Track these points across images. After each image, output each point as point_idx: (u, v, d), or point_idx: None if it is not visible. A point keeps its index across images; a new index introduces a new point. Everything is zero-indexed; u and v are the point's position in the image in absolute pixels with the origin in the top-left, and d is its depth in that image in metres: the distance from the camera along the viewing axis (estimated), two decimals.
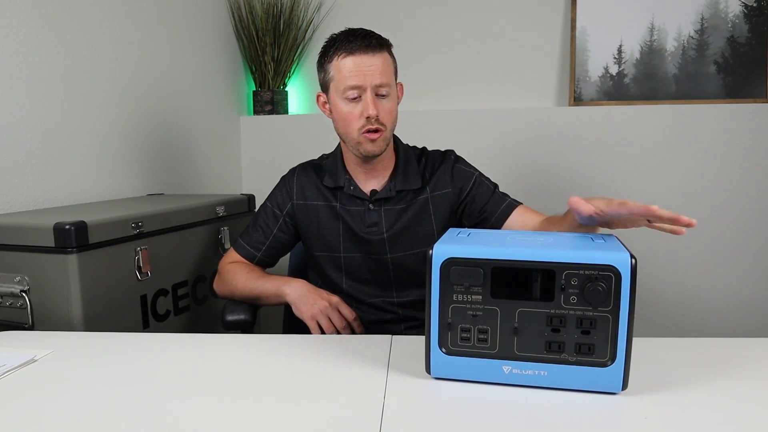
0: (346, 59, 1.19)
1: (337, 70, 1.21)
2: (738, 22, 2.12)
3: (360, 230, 1.31)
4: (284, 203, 1.37)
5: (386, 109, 1.23)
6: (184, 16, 2.05)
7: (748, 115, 2.08)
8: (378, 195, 1.31)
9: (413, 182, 1.32)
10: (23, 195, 1.41)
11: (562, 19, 2.27)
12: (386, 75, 1.21)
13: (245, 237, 1.40)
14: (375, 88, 1.20)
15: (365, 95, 1.20)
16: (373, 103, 1.19)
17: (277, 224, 1.38)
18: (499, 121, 2.25)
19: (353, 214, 1.32)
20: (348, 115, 1.22)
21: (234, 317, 1.32)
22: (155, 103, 1.90)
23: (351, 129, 1.23)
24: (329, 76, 1.23)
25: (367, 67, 1.18)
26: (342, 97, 1.21)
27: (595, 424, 0.68)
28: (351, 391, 0.79)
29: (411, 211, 1.32)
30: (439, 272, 0.78)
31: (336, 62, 1.20)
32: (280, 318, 1.56)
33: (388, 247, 1.32)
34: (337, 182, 1.32)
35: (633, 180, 2.18)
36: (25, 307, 1.19)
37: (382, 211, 1.31)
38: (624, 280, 0.71)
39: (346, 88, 1.20)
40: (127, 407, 0.74)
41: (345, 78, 1.19)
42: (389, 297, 1.35)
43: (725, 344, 0.96)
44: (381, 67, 1.20)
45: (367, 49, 1.19)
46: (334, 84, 1.22)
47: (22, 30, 1.40)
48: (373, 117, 1.20)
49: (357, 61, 1.19)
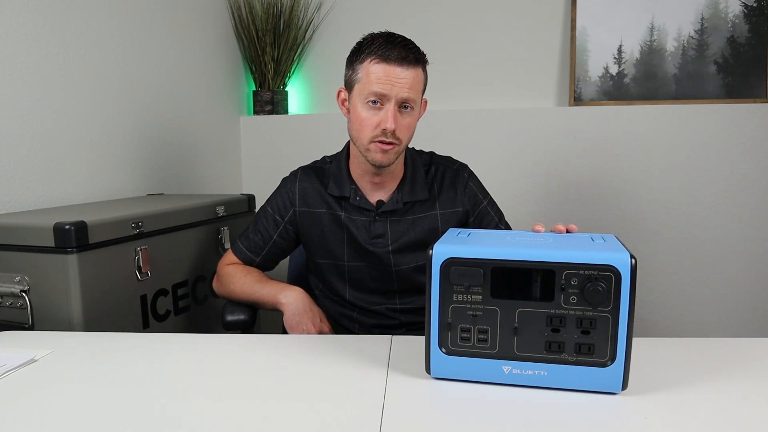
0: (378, 65, 1.15)
1: (366, 73, 1.17)
2: (738, 22, 2.12)
3: (364, 241, 1.29)
4: (285, 209, 1.34)
5: (405, 124, 1.19)
6: (184, 16, 2.05)
7: (748, 115, 2.08)
8: (384, 207, 1.28)
9: (420, 193, 1.29)
10: (23, 195, 1.41)
11: (562, 19, 2.27)
12: (414, 91, 1.18)
13: (244, 240, 1.37)
14: (400, 101, 1.16)
15: (388, 105, 1.16)
16: (393, 116, 1.16)
17: (277, 230, 1.35)
18: (499, 121, 2.25)
19: (358, 224, 1.29)
20: (365, 121, 1.18)
21: (234, 317, 1.32)
22: (155, 103, 1.90)
23: (364, 135, 1.19)
24: (357, 77, 1.19)
25: (398, 79, 1.15)
26: (364, 101, 1.17)
27: (595, 424, 0.68)
28: (351, 392, 0.78)
29: (419, 226, 1.29)
30: (439, 272, 0.77)
31: (367, 65, 1.17)
32: (280, 318, 1.56)
33: (393, 259, 1.29)
34: (342, 192, 1.29)
35: (633, 180, 2.18)
36: (25, 307, 1.19)
37: (388, 222, 1.29)
38: (624, 280, 0.71)
39: (370, 93, 1.16)
40: (127, 407, 0.74)
41: (372, 83, 1.15)
42: (392, 304, 1.34)
43: (725, 344, 0.96)
44: (411, 82, 1.16)
45: (403, 62, 1.15)
46: (359, 86, 1.18)
47: (22, 30, 1.40)
48: (389, 131, 1.16)
49: (389, 70, 1.15)
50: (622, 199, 2.20)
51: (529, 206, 2.25)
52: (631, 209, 2.20)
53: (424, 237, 1.29)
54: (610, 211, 2.21)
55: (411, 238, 1.29)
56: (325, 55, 2.47)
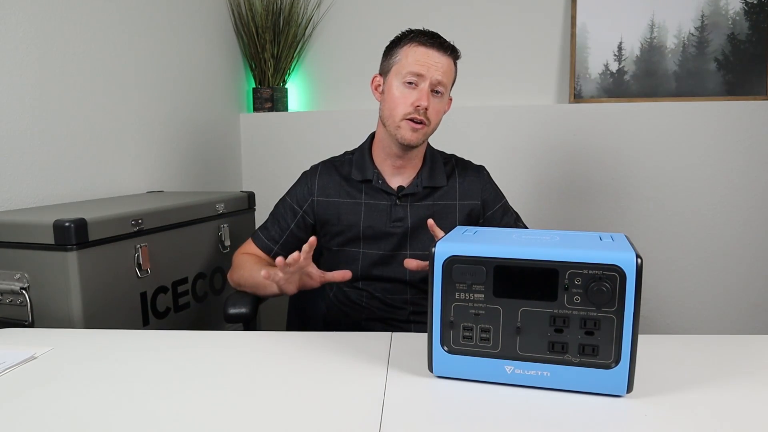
0: (418, 48, 1.25)
1: (405, 55, 1.26)
2: (738, 19, 2.12)
3: (385, 225, 1.33)
4: (304, 199, 1.38)
5: (436, 108, 1.27)
6: (183, 13, 2.04)
7: (749, 112, 2.08)
8: (405, 191, 1.33)
9: (440, 179, 1.36)
10: (23, 192, 1.41)
11: (562, 16, 2.26)
12: (447, 76, 1.27)
13: (263, 230, 1.41)
14: (434, 83, 1.25)
15: (423, 85, 1.24)
16: (427, 96, 1.24)
17: (294, 220, 1.39)
18: (499, 118, 2.24)
19: (380, 208, 1.34)
20: (400, 98, 1.26)
21: (235, 310, 1.31)
22: (155, 101, 1.89)
23: (397, 112, 1.26)
24: (395, 59, 1.28)
25: (435, 61, 1.24)
26: (402, 80, 1.26)
27: (599, 427, 0.67)
28: (351, 389, 0.78)
29: (439, 213, 1.34)
30: (441, 270, 0.77)
31: (407, 48, 1.26)
32: (282, 313, 1.56)
33: (410, 241, 1.33)
34: (365, 175, 1.34)
35: (633, 177, 2.18)
36: (25, 305, 1.18)
37: (409, 206, 1.34)
38: (629, 280, 0.70)
39: (408, 72, 1.24)
40: (127, 404, 0.74)
41: (411, 64, 1.24)
42: (402, 294, 1.35)
43: (729, 342, 0.96)
44: (445, 67, 1.26)
45: (440, 48, 1.25)
46: (397, 67, 1.27)
47: (21, 27, 1.39)
48: (422, 108, 1.24)
49: (428, 53, 1.24)
50: (622, 197, 2.20)
51: (528, 203, 2.24)
52: (630, 206, 2.20)
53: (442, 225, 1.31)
54: (610, 208, 2.21)
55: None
56: (324, 53, 2.46)
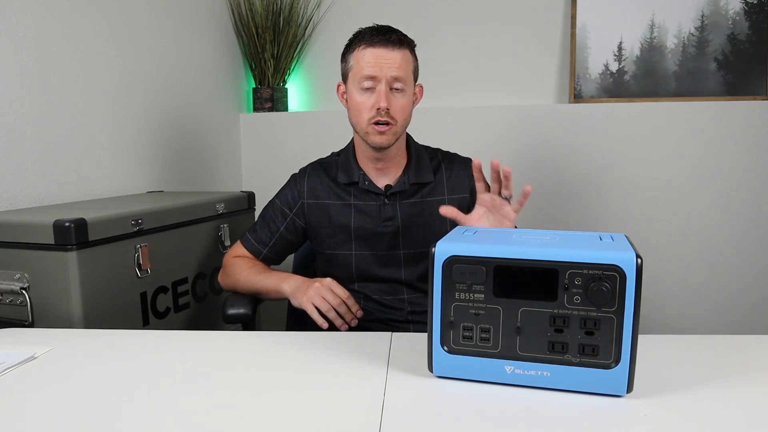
0: (366, 50, 1.23)
1: (356, 61, 1.25)
2: (738, 19, 2.12)
3: (376, 225, 1.32)
4: (294, 202, 1.38)
5: (399, 105, 1.25)
6: (183, 13, 2.04)
7: (748, 112, 2.08)
8: (393, 189, 1.33)
9: (426, 175, 1.35)
10: (23, 192, 1.41)
11: (562, 16, 2.26)
12: (403, 70, 1.24)
13: (252, 232, 1.41)
14: (390, 81, 1.23)
15: (379, 87, 1.23)
16: (385, 96, 1.22)
17: (284, 222, 1.38)
18: (499, 118, 2.24)
19: (369, 209, 1.33)
20: (360, 105, 1.25)
21: (234, 311, 1.32)
22: (155, 101, 1.89)
23: (361, 119, 1.25)
24: (349, 66, 1.27)
25: (385, 60, 1.22)
26: (358, 87, 1.25)
27: (599, 427, 0.67)
28: (350, 389, 0.78)
29: (427, 209, 1.33)
30: (441, 270, 0.77)
31: (356, 53, 1.25)
32: (281, 313, 1.56)
33: (402, 240, 1.33)
34: (351, 177, 1.34)
35: (633, 177, 2.18)
36: (25, 305, 1.18)
37: (398, 204, 1.33)
38: (629, 280, 0.70)
39: (362, 77, 1.23)
40: (127, 404, 0.74)
41: (362, 68, 1.23)
42: (399, 294, 1.35)
43: (728, 342, 0.95)
44: (399, 62, 1.23)
45: (387, 44, 1.23)
46: (352, 74, 1.26)
47: (21, 27, 1.39)
48: (383, 109, 1.22)
49: (376, 53, 1.22)
50: (622, 197, 2.20)
51: (528, 203, 2.24)
52: (630, 206, 2.20)
53: (431, 220, 1.32)
54: (610, 208, 2.21)
55: (421, 219, 1.33)
56: (324, 52, 2.46)
